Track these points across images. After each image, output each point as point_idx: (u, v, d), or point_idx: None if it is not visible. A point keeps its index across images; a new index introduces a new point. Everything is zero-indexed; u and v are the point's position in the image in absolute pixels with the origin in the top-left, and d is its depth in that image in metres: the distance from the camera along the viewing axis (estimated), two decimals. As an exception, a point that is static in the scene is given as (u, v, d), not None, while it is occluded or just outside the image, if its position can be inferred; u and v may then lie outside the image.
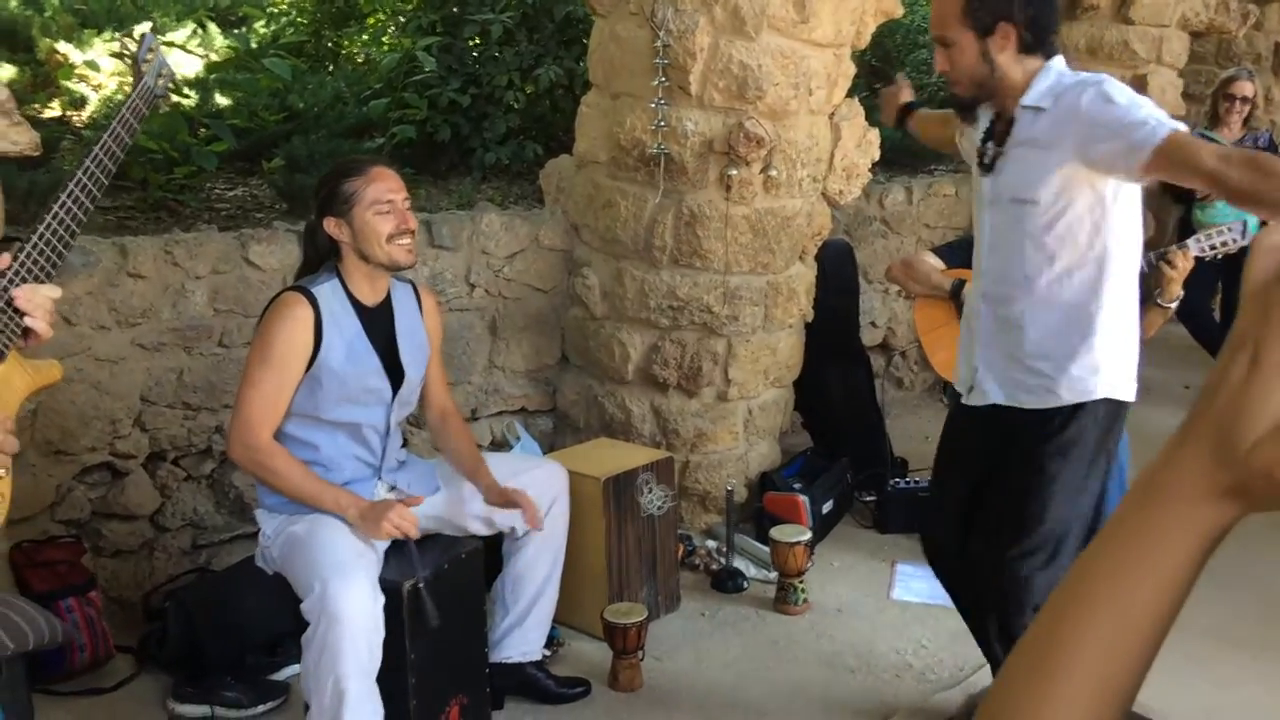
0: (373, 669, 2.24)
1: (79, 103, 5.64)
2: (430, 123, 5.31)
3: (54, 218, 1.65)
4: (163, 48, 1.91)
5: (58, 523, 3.04)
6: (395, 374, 2.52)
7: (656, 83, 3.29)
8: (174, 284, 3.17)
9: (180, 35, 6.38)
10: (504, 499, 2.61)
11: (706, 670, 3.06)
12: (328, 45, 6.56)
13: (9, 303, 1.57)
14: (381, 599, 2.27)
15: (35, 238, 1.62)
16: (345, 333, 2.42)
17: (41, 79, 5.82)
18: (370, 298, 2.50)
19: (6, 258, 1.60)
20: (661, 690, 2.96)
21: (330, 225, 2.42)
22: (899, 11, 3.63)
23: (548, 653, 2.97)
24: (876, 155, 3.78)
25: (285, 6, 7.20)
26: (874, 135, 3.75)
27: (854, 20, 3.49)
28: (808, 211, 3.63)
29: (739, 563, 3.56)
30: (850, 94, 3.70)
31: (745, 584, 3.48)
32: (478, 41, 5.31)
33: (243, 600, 2.93)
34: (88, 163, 1.70)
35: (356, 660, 2.19)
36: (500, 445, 3.86)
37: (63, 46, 5.90)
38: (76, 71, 5.68)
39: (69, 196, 1.68)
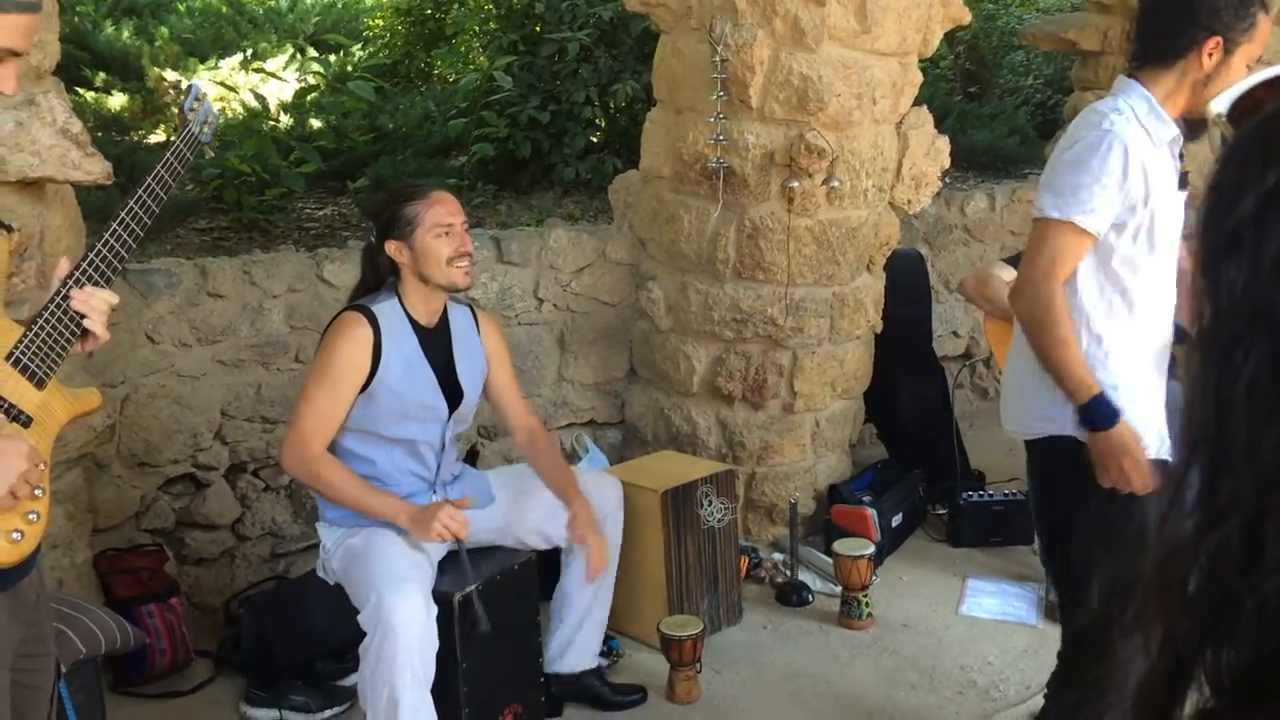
0: (427, 679, 2.30)
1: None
2: (511, 140, 5.42)
3: (104, 245, 1.73)
4: (220, 92, 1.99)
5: (143, 531, 3.21)
6: (452, 392, 2.59)
7: (715, 96, 3.30)
8: (252, 303, 3.31)
9: (278, 61, 6.65)
10: (579, 538, 2.65)
11: (765, 684, 3.05)
12: (420, 66, 6.74)
13: (67, 309, 1.64)
14: (435, 610, 2.34)
15: (88, 257, 1.70)
16: (403, 351, 2.50)
17: (150, 106, 6.13)
18: (427, 318, 2.58)
19: (66, 263, 1.68)
20: (719, 702, 2.96)
21: (391, 248, 2.51)
22: (967, 18, 3.57)
23: (604, 662, 3.01)
24: (947, 163, 3.71)
25: (380, 29, 7.44)
26: (943, 143, 3.69)
27: (919, 28, 3.44)
28: (874, 222, 3.59)
29: (804, 576, 3.53)
30: (943, 98, 3.64)
31: (811, 598, 3.45)
32: (556, 59, 5.40)
33: (312, 608, 3.03)
34: (133, 201, 1.76)
35: (410, 671, 2.25)
36: (569, 458, 3.91)
37: (170, 75, 6.21)
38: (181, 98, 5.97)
39: (120, 224, 1.76)
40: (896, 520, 3.72)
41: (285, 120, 5.97)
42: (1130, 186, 2.04)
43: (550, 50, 5.37)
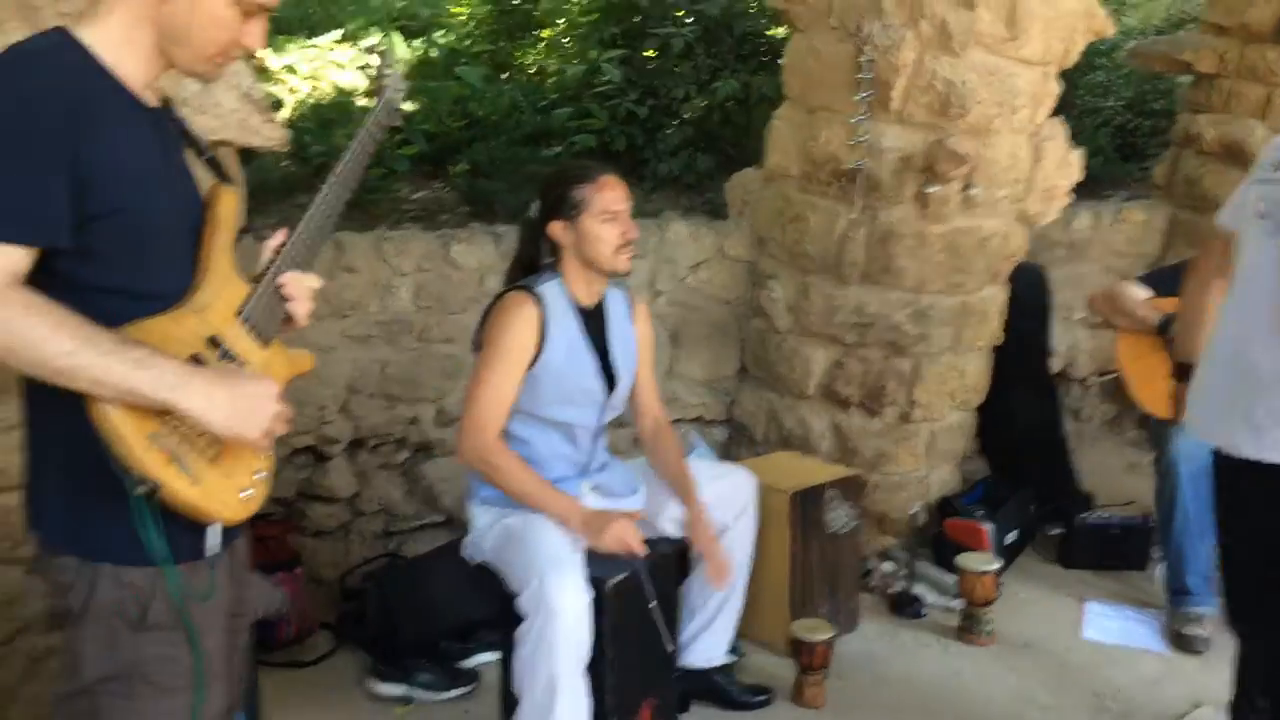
0: (583, 665, 2.28)
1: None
2: (607, 132, 5.40)
3: (309, 218, 1.69)
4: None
5: (267, 500, 3.19)
6: (609, 376, 2.57)
7: (860, 97, 3.27)
8: (382, 279, 3.30)
9: (366, 44, 6.65)
10: (699, 543, 2.60)
11: (889, 693, 3.01)
12: (507, 55, 6.73)
13: (278, 287, 1.60)
14: (590, 594, 2.31)
15: (298, 231, 1.66)
16: (567, 333, 2.48)
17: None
18: (588, 300, 2.55)
19: (283, 234, 1.64)
20: (846, 709, 2.92)
21: (555, 229, 2.48)
22: (1110, 30, 3.52)
23: (731, 659, 2.97)
24: (1078, 177, 3.67)
25: (465, 17, 7.43)
26: (1075, 156, 3.65)
27: (1064, 38, 3.40)
28: (1004, 233, 3.55)
29: (917, 588, 3.48)
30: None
31: (924, 611, 3.41)
32: (656, 54, 5.38)
33: (438, 587, 3.02)
34: (340, 166, 1.72)
35: (570, 655, 2.23)
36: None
37: (260, 52, 6.21)
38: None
39: (323, 199, 1.71)
40: (1011, 538, 3.66)
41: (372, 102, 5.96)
42: None
43: (653, 45, 5.34)
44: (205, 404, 1.40)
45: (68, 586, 1.47)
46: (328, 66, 6.17)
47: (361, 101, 5.80)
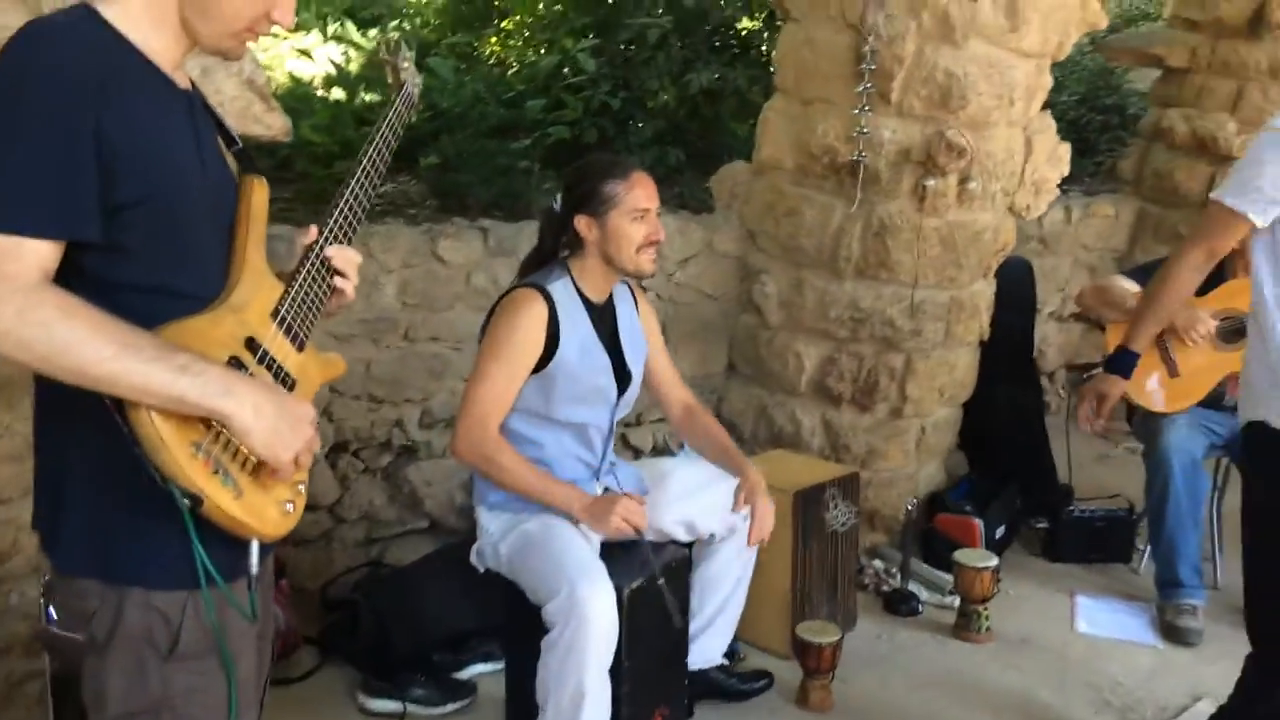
0: (607, 670, 2.20)
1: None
2: (578, 124, 5.29)
3: (344, 206, 1.61)
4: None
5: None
6: (621, 374, 2.48)
7: (861, 89, 3.21)
8: (368, 276, 3.15)
9: (314, 36, 6.45)
10: (749, 500, 2.57)
11: (894, 694, 2.97)
12: (468, 46, 6.59)
13: (325, 263, 1.53)
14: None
15: (335, 211, 1.59)
16: (579, 331, 2.39)
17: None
18: (597, 296, 2.46)
19: (313, 231, 1.57)
20: (853, 713, 2.86)
21: (581, 223, 2.38)
22: (1104, 23, 3.51)
23: (727, 661, 2.91)
24: (1066, 170, 3.66)
25: (415, 6, 7.25)
26: (1065, 150, 3.64)
27: (1060, 30, 3.38)
28: (996, 226, 3.52)
29: (911, 585, 3.45)
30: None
31: (920, 608, 3.37)
32: (632, 45, 5.28)
33: (431, 596, 2.91)
34: (365, 161, 1.64)
35: (599, 663, 2.16)
36: (662, 452, 3.80)
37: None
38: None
39: (356, 183, 1.64)
40: (1000, 532, 3.65)
41: (336, 93, 5.79)
42: None
43: (627, 36, 5.25)
44: (253, 415, 1.29)
45: (90, 614, 1.34)
46: (283, 55, 5.97)
47: (321, 93, 5.63)
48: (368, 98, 5.73)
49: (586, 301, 2.43)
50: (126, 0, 1.32)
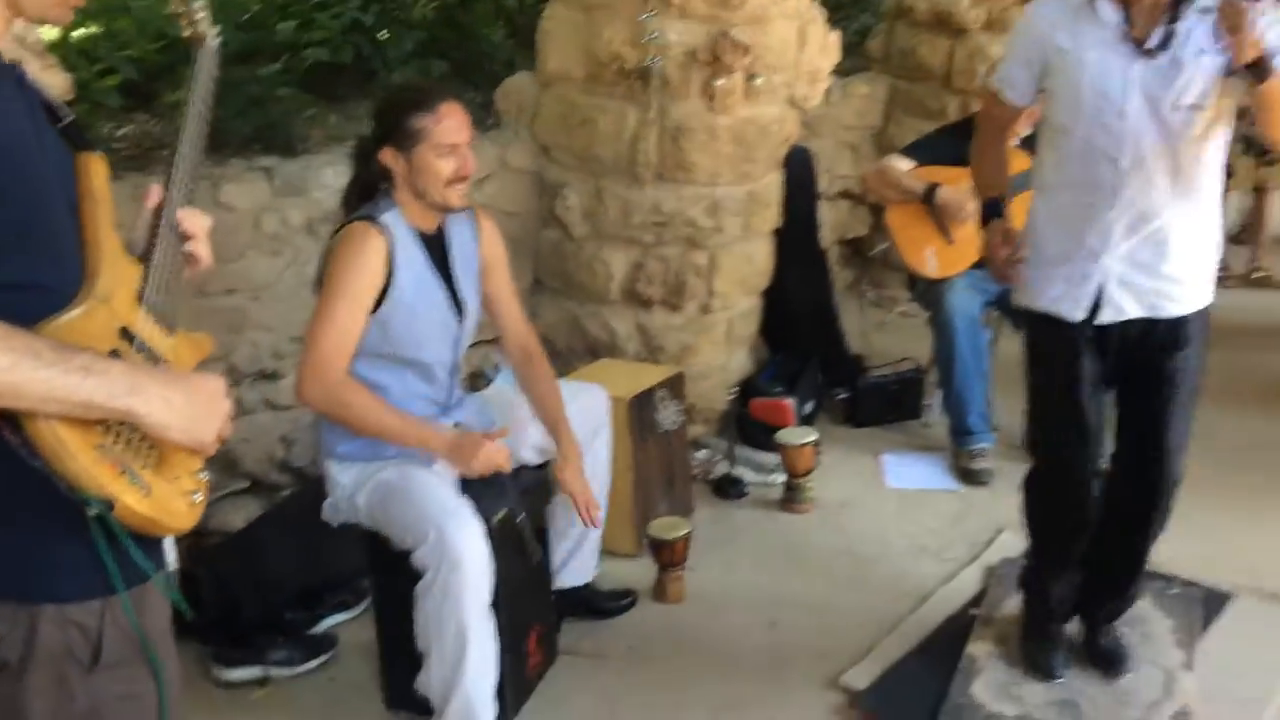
0: (486, 606, 2.21)
1: None
2: (330, 44, 5.01)
3: (180, 159, 1.50)
4: None
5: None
6: (457, 306, 2.44)
7: (643, -8, 3.21)
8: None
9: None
10: (570, 487, 2.54)
11: (740, 574, 3.15)
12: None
13: (175, 230, 1.41)
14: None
15: (174, 172, 1.47)
16: (413, 264, 2.32)
17: None
18: (427, 227, 2.39)
19: (158, 190, 1.44)
20: (707, 598, 3.02)
21: (387, 155, 2.29)
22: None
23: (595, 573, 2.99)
24: (837, 58, 3.83)
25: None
26: (834, 38, 3.79)
27: (821, -78, 3.49)
28: (780, 118, 3.65)
29: (736, 470, 3.63)
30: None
31: (747, 489, 3.57)
32: (377, -47, 5.01)
33: (273, 556, 2.82)
34: (189, 118, 1.53)
35: (478, 601, 2.16)
36: (478, 377, 3.78)
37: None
38: None
39: (187, 141, 1.52)
40: (809, 408, 3.89)
41: (45, 31, 5.19)
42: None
43: (373, -57, 4.97)
44: (164, 408, 1.20)
45: (0, 638, 1.24)
46: None
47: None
48: (82, 32, 5.18)
49: (417, 233, 2.36)
50: None
